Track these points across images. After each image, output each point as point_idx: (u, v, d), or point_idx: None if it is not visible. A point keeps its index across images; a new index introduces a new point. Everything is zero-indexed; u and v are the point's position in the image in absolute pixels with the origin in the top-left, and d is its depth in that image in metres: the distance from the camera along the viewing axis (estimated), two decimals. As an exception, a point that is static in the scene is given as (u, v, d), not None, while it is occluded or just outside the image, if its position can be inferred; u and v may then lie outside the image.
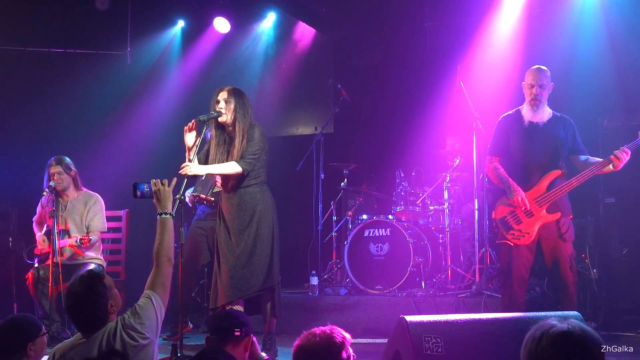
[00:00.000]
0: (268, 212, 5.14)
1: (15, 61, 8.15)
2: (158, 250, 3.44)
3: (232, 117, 5.10)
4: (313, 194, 7.32)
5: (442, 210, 7.10)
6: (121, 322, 3.16)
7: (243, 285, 5.01)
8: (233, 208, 5.11)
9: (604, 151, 6.30)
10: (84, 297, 3.13)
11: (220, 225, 5.19)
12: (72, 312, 3.18)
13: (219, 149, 5.16)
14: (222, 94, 5.13)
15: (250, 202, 5.10)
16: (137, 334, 3.15)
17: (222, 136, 5.20)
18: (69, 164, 6.38)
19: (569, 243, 5.15)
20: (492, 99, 7.02)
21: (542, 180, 5.12)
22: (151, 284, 3.36)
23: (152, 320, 3.23)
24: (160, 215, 3.57)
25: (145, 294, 3.32)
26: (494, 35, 7.86)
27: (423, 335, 3.46)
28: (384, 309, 6.40)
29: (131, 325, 3.16)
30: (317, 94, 8.97)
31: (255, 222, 5.07)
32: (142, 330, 3.17)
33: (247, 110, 5.13)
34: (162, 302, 3.32)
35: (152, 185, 3.67)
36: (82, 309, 3.14)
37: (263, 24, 9.02)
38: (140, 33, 8.63)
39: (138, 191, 3.81)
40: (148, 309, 3.25)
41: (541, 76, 5.22)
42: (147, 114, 8.70)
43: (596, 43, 7.23)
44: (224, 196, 5.21)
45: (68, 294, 3.18)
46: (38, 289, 6.04)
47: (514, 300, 5.16)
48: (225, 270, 5.05)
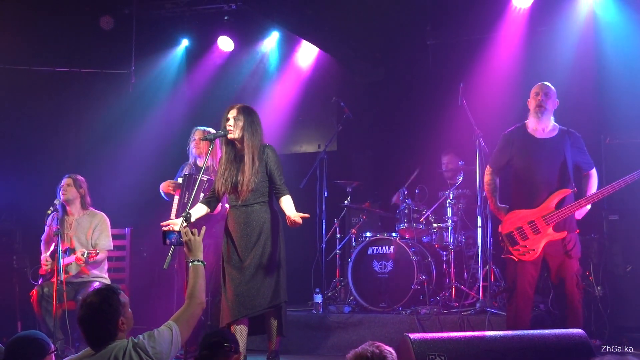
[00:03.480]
0: (275, 231, 5.14)
1: (20, 80, 8.19)
2: (192, 293, 3.53)
3: (240, 134, 5.11)
4: (317, 212, 7.32)
5: (445, 228, 7.10)
6: (132, 342, 3.18)
7: (249, 303, 4.99)
8: (240, 225, 5.11)
9: (607, 169, 6.32)
10: (97, 308, 3.16)
11: (226, 243, 5.19)
12: (83, 323, 3.20)
13: (229, 166, 5.17)
14: (232, 112, 5.16)
15: (258, 220, 5.10)
16: (147, 357, 3.16)
17: (232, 153, 5.21)
18: (81, 182, 6.45)
19: (575, 260, 5.14)
20: (495, 117, 7.03)
21: (551, 198, 5.10)
22: (177, 318, 3.42)
23: (164, 349, 3.25)
24: (192, 262, 3.64)
25: (168, 324, 3.36)
26: (496, 53, 7.87)
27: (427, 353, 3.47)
28: (387, 327, 6.37)
29: (144, 347, 3.18)
30: (321, 112, 8.99)
31: (263, 239, 5.07)
32: (153, 355, 3.19)
33: (255, 128, 5.14)
34: (180, 337, 3.35)
35: (183, 234, 3.73)
36: (94, 320, 3.17)
37: (267, 42, 9.05)
38: (144, 52, 8.67)
39: (167, 240, 3.93)
40: (165, 337, 3.28)
41: (546, 87, 5.27)
42: (151, 132, 8.73)
43: (598, 61, 7.25)
44: (231, 213, 5.22)
45: (83, 304, 3.22)
46: (42, 306, 6.04)
47: (519, 318, 5.15)
48: (231, 288, 5.04)
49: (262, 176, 5.11)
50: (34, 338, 3.45)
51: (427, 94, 8.38)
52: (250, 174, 5.05)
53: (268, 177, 5.14)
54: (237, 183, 5.09)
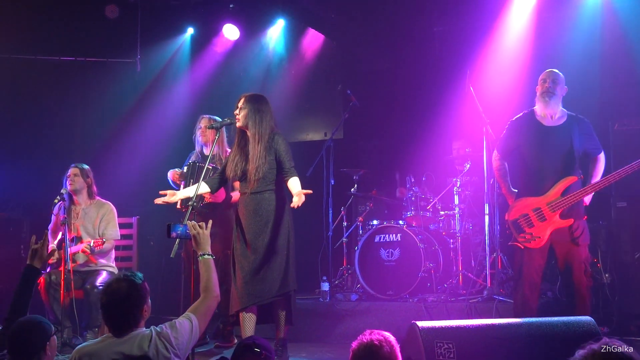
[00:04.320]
0: (285, 219, 5.15)
1: (25, 70, 8.19)
2: (207, 286, 3.54)
3: (244, 122, 5.15)
4: (323, 200, 7.32)
5: (452, 215, 7.08)
6: (156, 332, 3.21)
7: (258, 291, 5.01)
8: (250, 213, 5.13)
9: (615, 155, 6.28)
10: (125, 293, 3.18)
11: (236, 231, 5.21)
12: (110, 307, 3.20)
13: (239, 152, 5.21)
14: (240, 101, 5.22)
15: (267, 208, 5.11)
16: (170, 347, 3.20)
17: (243, 140, 5.25)
18: (87, 171, 6.45)
19: (583, 247, 5.11)
20: (502, 104, 7.00)
21: (557, 185, 5.07)
22: (194, 309, 3.45)
23: (185, 340, 3.29)
24: (202, 256, 3.64)
25: (187, 315, 3.40)
26: (503, 40, 7.83)
27: (435, 341, 3.46)
28: (395, 315, 6.38)
29: (167, 336, 3.22)
30: (327, 100, 8.97)
31: (271, 227, 5.08)
32: (175, 345, 3.22)
33: (261, 116, 5.16)
34: (198, 328, 3.38)
35: (190, 228, 3.71)
36: (122, 305, 3.18)
37: (272, 30, 9.03)
38: (149, 41, 8.66)
39: (173, 232, 3.88)
40: (186, 328, 3.32)
41: (554, 74, 5.24)
42: (156, 121, 8.73)
43: (606, 47, 7.20)
44: (241, 201, 5.23)
45: (108, 290, 3.21)
46: (50, 294, 6.05)
47: (526, 305, 5.13)
48: (240, 276, 5.05)
49: (271, 164, 5.12)
50: (35, 322, 3.46)
51: (434, 81, 8.35)
52: (256, 162, 5.06)
53: (277, 163, 5.14)
54: (246, 170, 5.11)
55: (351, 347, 2.84)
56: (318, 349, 5.95)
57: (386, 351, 2.76)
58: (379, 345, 2.76)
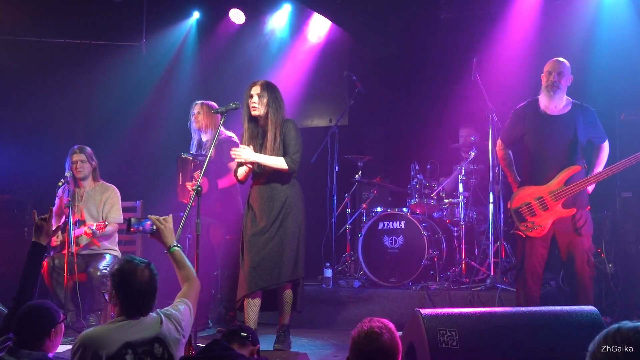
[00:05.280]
0: (297, 206, 5.15)
1: (31, 52, 8.18)
2: (188, 275, 3.57)
3: (265, 110, 5.12)
4: (327, 186, 7.31)
5: (457, 203, 7.07)
6: (165, 314, 3.25)
7: (265, 276, 5.00)
8: (263, 200, 5.13)
9: (621, 145, 6.26)
10: (149, 278, 3.22)
11: (247, 216, 5.21)
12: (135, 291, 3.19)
13: (252, 143, 5.16)
14: (255, 88, 5.16)
15: (280, 195, 5.11)
16: (180, 328, 3.26)
17: (256, 129, 5.21)
18: (91, 154, 6.43)
19: (586, 237, 5.10)
20: (508, 92, 6.98)
21: (561, 174, 5.06)
22: (185, 295, 3.48)
23: (187, 322, 3.35)
24: (171, 249, 3.63)
25: (183, 301, 3.43)
26: (510, 28, 7.79)
27: (438, 328, 3.45)
28: (397, 302, 6.38)
29: (177, 318, 3.28)
30: (332, 86, 8.93)
31: (283, 214, 5.08)
32: (182, 326, 3.28)
33: (279, 104, 5.15)
34: (193, 312, 3.45)
35: (155, 222, 3.66)
36: (147, 289, 3.21)
37: (278, 15, 8.99)
38: (155, 24, 8.64)
39: (132, 227, 3.70)
40: (185, 310, 3.37)
41: (560, 65, 5.19)
42: (161, 104, 8.72)
43: (614, 35, 7.16)
44: (255, 188, 5.23)
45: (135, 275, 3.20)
46: (53, 277, 6.07)
47: (529, 295, 5.14)
48: (247, 261, 5.06)
49: (284, 152, 5.11)
50: (44, 307, 3.48)
51: (440, 69, 8.32)
52: (272, 150, 5.06)
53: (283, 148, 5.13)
54: None
55: (351, 335, 2.84)
56: (320, 335, 5.95)
57: (386, 338, 2.76)
58: (379, 332, 2.76)
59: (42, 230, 3.92)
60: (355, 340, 2.80)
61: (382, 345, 2.75)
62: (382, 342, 2.75)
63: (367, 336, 2.77)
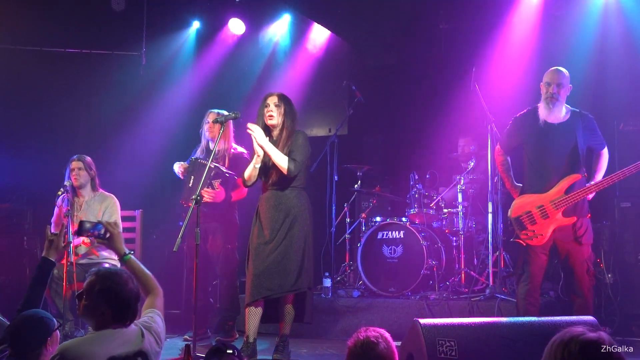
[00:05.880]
0: (303, 217, 5.15)
1: (31, 61, 8.18)
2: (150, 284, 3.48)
3: (281, 120, 5.18)
4: (327, 196, 7.31)
5: (456, 213, 7.07)
6: (144, 327, 3.20)
7: (268, 285, 4.99)
8: (270, 208, 5.15)
9: (620, 155, 6.27)
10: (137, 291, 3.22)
11: (255, 225, 5.23)
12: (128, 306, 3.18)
13: None
14: (272, 98, 5.22)
15: (287, 204, 5.13)
16: (158, 340, 3.23)
17: (267, 138, 5.21)
18: (90, 163, 6.43)
19: (586, 246, 5.10)
20: (507, 102, 6.98)
21: (561, 183, 5.07)
22: (153, 305, 3.42)
23: (163, 334, 3.32)
24: (126, 256, 3.56)
25: (155, 312, 3.37)
26: (509, 38, 7.81)
27: (437, 338, 3.45)
28: (396, 312, 6.38)
29: (155, 330, 3.23)
30: (332, 96, 8.94)
31: (289, 223, 5.09)
32: (160, 338, 3.26)
33: (294, 116, 5.26)
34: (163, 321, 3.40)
35: (108, 227, 3.60)
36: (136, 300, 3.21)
37: (278, 25, 9.01)
38: (155, 34, 8.65)
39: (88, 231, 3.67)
40: (160, 321, 3.33)
41: (559, 76, 5.20)
42: (161, 114, 8.72)
43: (613, 45, 7.18)
44: (263, 197, 5.26)
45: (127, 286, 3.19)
46: (52, 287, 6.05)
47: (528, 304, 5.13)
48: (252, 269, 5.06)
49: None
50: (37, 317, 3.44)
51: (439, 78, 8.34)
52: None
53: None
54: (270, 166, 5.14)
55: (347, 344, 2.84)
56: (319, 345, 5.95)
57: (382, 347, 2.76)
58: (375, 342, 2.76)
59: (53, 245, 3.90)
60: (352, 349, 2.80)
61: (379, 354, 2.74)
62: (379, 351, 2.75)
63: (363, 346, 2.77)
